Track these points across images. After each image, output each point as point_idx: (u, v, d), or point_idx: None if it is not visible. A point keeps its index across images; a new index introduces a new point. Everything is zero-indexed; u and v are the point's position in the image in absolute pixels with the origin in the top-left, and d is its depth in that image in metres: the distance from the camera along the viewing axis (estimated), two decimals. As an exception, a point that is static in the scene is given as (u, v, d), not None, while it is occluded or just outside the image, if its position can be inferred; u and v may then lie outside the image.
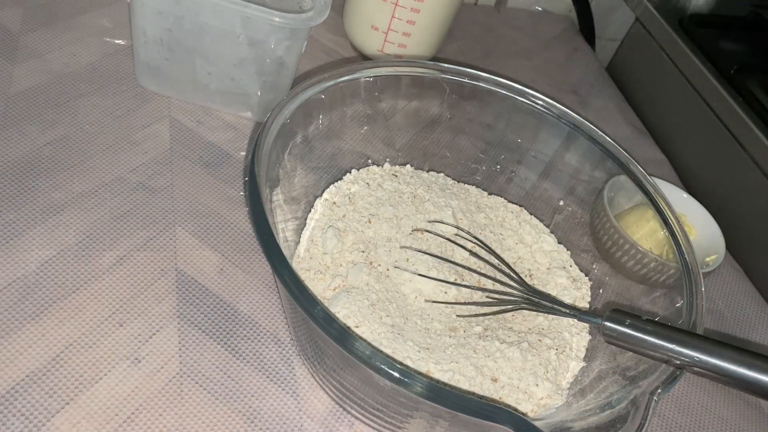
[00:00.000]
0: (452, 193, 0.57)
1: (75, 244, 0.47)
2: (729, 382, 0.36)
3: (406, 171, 0.58)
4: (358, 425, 0.43)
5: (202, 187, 0.53)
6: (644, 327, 0.38)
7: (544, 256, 0.55)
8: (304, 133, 0.49)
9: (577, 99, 0.81)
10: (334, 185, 0.54)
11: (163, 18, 0.52)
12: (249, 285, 0.48)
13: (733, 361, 0.35)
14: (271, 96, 0.58)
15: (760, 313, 0.64)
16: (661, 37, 0.82)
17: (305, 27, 0.52)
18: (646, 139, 0.81)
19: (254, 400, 0.43)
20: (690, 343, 0.37)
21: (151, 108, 0.57)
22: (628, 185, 0.52)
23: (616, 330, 0.39)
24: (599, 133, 0.53)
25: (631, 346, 0.39)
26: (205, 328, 0.45)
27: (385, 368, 0.33)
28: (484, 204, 0.58)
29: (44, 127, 0.52)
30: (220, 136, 0.58)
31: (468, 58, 0.79)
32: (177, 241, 0.49)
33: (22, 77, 0.55)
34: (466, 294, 0.49)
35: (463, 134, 0.59)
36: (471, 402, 0.34)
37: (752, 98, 0.70)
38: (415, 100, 0.56)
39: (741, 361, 0.35)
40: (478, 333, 0.47)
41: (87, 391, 0.40)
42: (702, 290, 0.44)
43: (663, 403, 0.52)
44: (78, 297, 0.44)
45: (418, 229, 0.51)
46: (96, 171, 0.51)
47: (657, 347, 0.37)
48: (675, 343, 0.37)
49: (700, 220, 0.64)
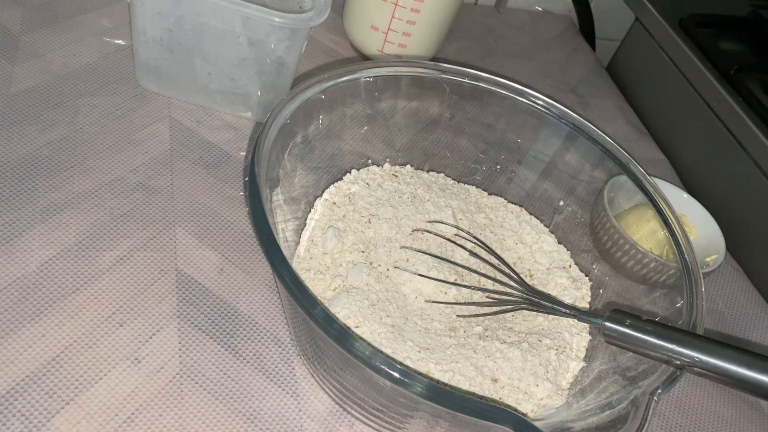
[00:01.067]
0: (452, 193, 0.57)
1: (75, 244, 0.47)
2: (729, 383, 0.36)
3: (406, 171, 0.58)
4: (358, 425, 0.43)
5: (202, 187, 0.53)
6: (644, 327, 0.38)
7: (544, 256, 0.55)
8: (304, 133, 0.49)
9: (577, 99, 0.81)
10: (334, 185, 0.54)
11: (163, 18, 0.52)
12: (249, 285, 0.48)
13: (733, 361, 0.35)
14: (271, 96, 0.58)
15: (760, 313, 0.64)
16: (661, 37, 0.82)
17: (305, 27, 0.52)
18: (646, 139, 0.81)
19: (254, 400, 0.43)
20: (690, 343, 0.37)
21: (151, 108, 0.57)
22: (628, 185, 0.52)
23: (617, 330, 0.39)
24: (599, 133, 0.53)
25: (631, 347, 0.39)
26: (205, 328, 0.45)
27: (385, 368, 0.33)
28: (484, 204, 0.58)
29: (44, 127, 0.52)
30: (220, 136, 0.58)
31: (468, 58, 0.79)
32: (177, 241, 0.49)
33: (22, 77, 0.55)
34: (466, 294, 0.49)
35: (463, 134, 0.59)
36: (471, 402, 0.34)
37: (752, 98, 0.70)
38: (415, 100, 0.56)
39: (741, 361, 0.35)
40: (478, 333, 0.47)
41: (87, 392, 0.40)
42: (702, 290, 0.44)
43: (663, 403, 0.52)
44: (78, 297, 0.44)
45: (418, 230, 0.51)
46: (96, 171, 0.51)
47: (657, 347, 0.37)
48: (675, 343, 0.37)
49: (700, 220, 0.64)
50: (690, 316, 0.42)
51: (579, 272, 0.55)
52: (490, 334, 0.47)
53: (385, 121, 0.57)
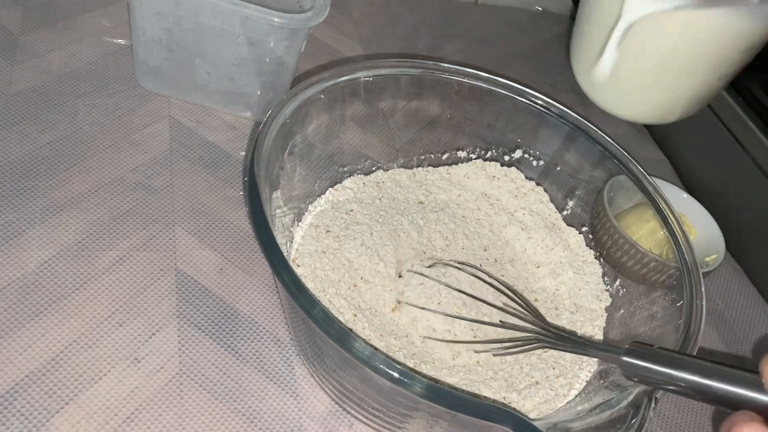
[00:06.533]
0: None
1: (75, 244, 0.47)
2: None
3: (406, 175, 0.58)
4: (358, 425, 0.43)
5: (201, 186, 0.53)
6: (669, 358, 0.34)
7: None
8: (303, 133, 0.49)
9: (577, 99, 0.81)
10: (334, 187, 0.54)
11: (163, 18, 0.52)
12: (249, 285, 0.48)
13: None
14: (270, 96, 0.58)
15: (760, 313, 0.64)
16: (661, 37, 0.82)
17: (304, 27, 0.52)
18: (646, 139, 0.81)
19: (254, 400, 0.43)
20: (724, 376, 0.32)
21: (151, 108, 0.57)
22: (628, 185, 0.52)
23: (637, 365, 0.35)
24: (599, 133, 0.53)
25: (655, 382, 0.35)
26: (204, 328, 0.45)
27: (385, 368, 0.33)
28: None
29: (44, 127, 0.52)
30: (220, 135, 0.58)
31: (468, 58, 0.79)
32: (177, 241, 0.49)
33: (22, 77, 0.55)
34: (481, 330, 0.47)
35: (463, 134, 0.59)
36: (470, 402, 0.34)
37: (752, 98, 0.70)
38: (415, 100, 0.56)
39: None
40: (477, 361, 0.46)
41: (87, 391, 0.40)
42: (702, 290, 0.44)
43: (663, 402, 0.52)
44: (78, 297, 0.44)
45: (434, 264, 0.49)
46: (96, 171, 0.51)
47: (684, 381, 0.33)
48: (703, 376, 0.32)
49: (700, 220, 0.64)
50: (690, 316, 0.42)
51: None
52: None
53: (385, 121, 0.57)
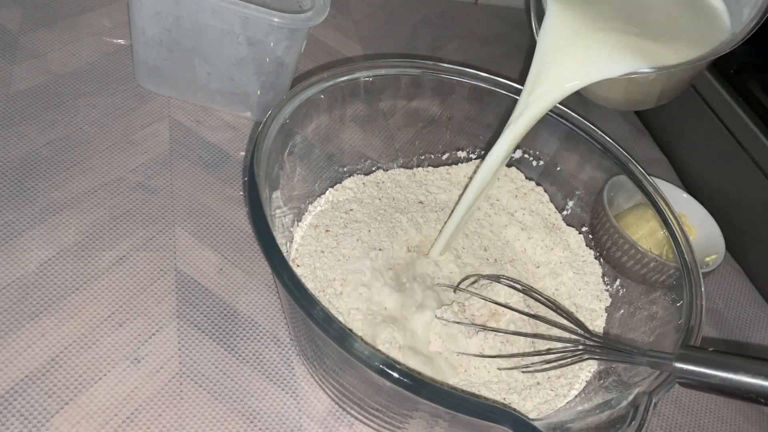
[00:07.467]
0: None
1: (74, 244, 0.46)
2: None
3: (405, 175, 0.58)
4: (358, 425, 0.43)
5: (201, 187, 0.53)
6: (727, 361, 0.32)
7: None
8: (303, 133, 0.49)
9: (577, 99, 0.81)
10: (334, 187, 0.54)
11: (162, 18, 0.52)
12: (249, 285, 0.48)
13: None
14: (270, 96, 0.58)
15: (760, 313, 0.64)
16: (661, 37, 0.82)
17: (304, 27, 0.52)
18: (646, 139, 0.81)
19: (254, 400, 0.43)
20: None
21: (151, 108, 0.57)
22: (628, 185, 0.52)
23: (692, 371, 0.33)
24: (599, 133, 0.53)
25: (713, 388, 0.33)
26: (204, 328, 0.45)
27: (385, 368, 0.33)
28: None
29: (44, 127, 0.52)
30: (220, 136, 0.58)
31: (468, 58, 0.79)
32: (176, 241, 0.49)
33: (22, 77, 0.55)
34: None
35: (463, 134, 0.59)
36: (470, 402, 0.34)
37: (752, 98, 0.70)
38: (414, 100, 0.56)
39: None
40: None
41: (86, 391, 0.40)
42: (702, 290, 0.44)
43: (663, 403, 0.52)
44: (78, 297, 0.44)
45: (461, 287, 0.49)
46: (95, 171, 0.51)
47: (747, 386, 0.32)
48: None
49: (700, 220, 0.64)
50: (690, 316, 0.42)
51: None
52: None
53: (384, 121, 0.57)
